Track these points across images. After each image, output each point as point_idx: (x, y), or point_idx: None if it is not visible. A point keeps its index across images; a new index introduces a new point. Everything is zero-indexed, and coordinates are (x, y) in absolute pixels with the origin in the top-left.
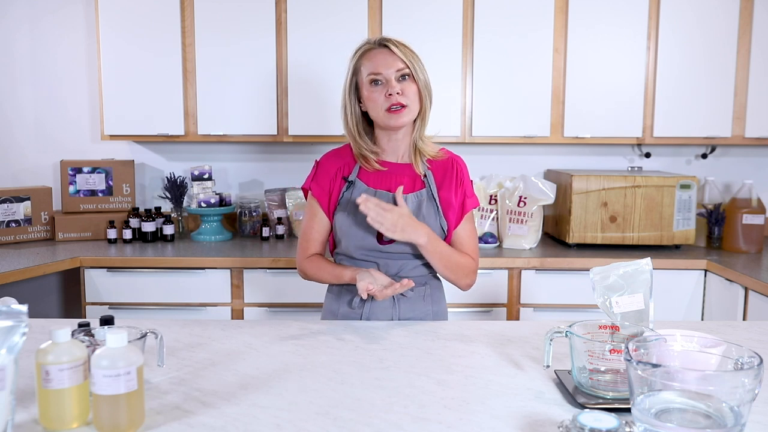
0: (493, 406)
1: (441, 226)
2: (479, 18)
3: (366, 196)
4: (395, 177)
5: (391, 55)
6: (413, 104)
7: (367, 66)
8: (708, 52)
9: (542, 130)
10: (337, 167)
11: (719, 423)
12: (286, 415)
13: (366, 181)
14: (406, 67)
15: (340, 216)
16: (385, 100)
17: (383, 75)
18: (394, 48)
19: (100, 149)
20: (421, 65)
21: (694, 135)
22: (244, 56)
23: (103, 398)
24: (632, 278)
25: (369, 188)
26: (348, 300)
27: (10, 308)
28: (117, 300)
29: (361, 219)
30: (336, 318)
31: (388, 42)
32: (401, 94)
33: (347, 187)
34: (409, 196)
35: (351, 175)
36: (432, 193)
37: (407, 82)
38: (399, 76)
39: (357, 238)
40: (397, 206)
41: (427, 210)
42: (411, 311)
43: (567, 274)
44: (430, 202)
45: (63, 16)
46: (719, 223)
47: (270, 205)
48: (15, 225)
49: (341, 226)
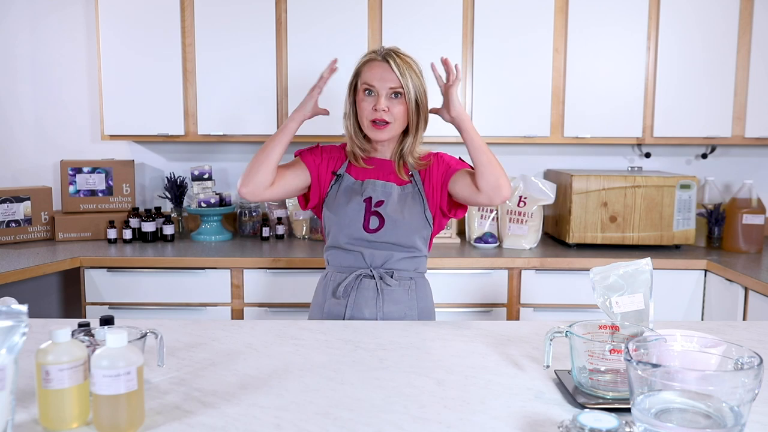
0: (493, 406)
1: (426, 218)
2: (479, 18)
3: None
4: (382, 172)
5: (389, 72)
6: (397, 123)
7: (365, 75)
8: (708, 52)
9: (542, 130)
10: (332, 157)
11: (719, 423)
12: (286, 415)
13: (354, 175)
14: (399, 86)
15: (328, 206)
16: (371, 112)
17: (375, 88)
18: (393, 65)
19: (100, 149)
20: (419, 81)
21: (694, 135)
22: (245, 56)
23: (103, 398)
24: (632, 278)
25: (356, 180)
26: (333, 289)
27: (10, 308)
28: (117, 300)
29: (348, 210)
30: (322, 310)
31: (389, 57)
32: (386, 111)
33: (335, 180)
34: (396, 188)
35: (340, 169)
36: (418, 187)
37: (397, 101)
38: (390, 93)
39: (345, 227)
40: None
41: (412, 202)
42: (395, 304)
43: (567, 274)
44: (415, 196)
45: (63, 16)
46: (719, 223)
47: (270, 205)
48: (15, 225)
49: (330, 216)
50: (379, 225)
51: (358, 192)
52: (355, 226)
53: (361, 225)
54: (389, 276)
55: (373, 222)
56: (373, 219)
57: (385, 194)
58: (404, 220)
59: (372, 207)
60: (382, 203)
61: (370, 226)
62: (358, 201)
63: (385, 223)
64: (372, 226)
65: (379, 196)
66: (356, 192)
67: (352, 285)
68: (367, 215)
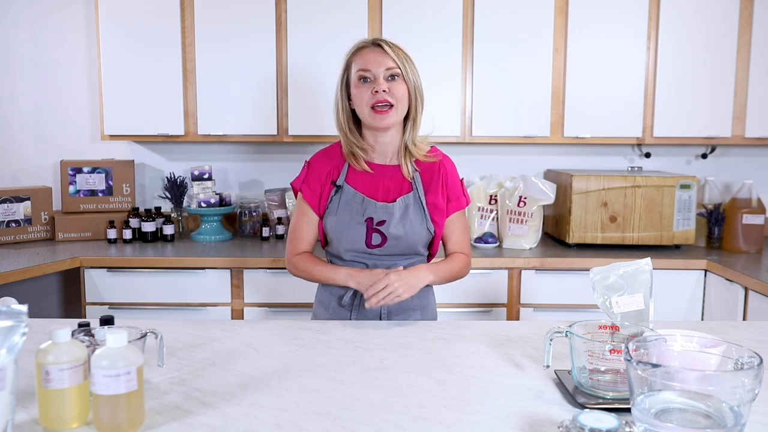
0: (493, 406)
1: (428, 228)
2: (479, 18)
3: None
4: (382, 181)
5: (383, 54)
6: (400, 105)
7: (358, 62)
8: (708, 52)
9: (542, 130)
10: (327, 170)
11: (719, 423)
12: (286, 415)
13: (354, 184)
14: (396, 66)
15: (330, 220)
16: (371, 97)
17: (372, 72)
18: (387, 47)
19: (100, 149)
20: (413, 68)
21: (694, 135)
22: (244, 56)
23: (103, 398)
24: (632, 278)
25: (357, 193)
26: (340, 296)
27: (10, 308)
28: (117, 300)
29: (351, 228)
30: (327, 311)
31: (381, 42)
32: (388, 92)
33: (335, 191)
34: (397, 201)
35: (339, 179)
36: (419, 196)
37: (396, 82)
38: (388, 75)
39: (347, 241)
40: (383, 277)
41: (414, 213)
42: (398, 305)
43: (567, 274)
44: (417, 205)
45: (63, 16)
46: (719, 223)
47: (270, 205)
48: (15, 225)
49: (331, 230)
50: (381, 241)
51: (359, 211)
52: (358, 243)
53: (363, 242)
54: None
55: (375, 238)
56: (375, 236)
57: (386, 215)
58: (406, 235)
59: (374, 225)
60: (383, 223)
61: (372, 242)
62: (359, 221)
63: (387, 240)
64: (374, 242)
65: (381, 217)
66: (357, 210)
67: (358, 293)
68: (369, 233)
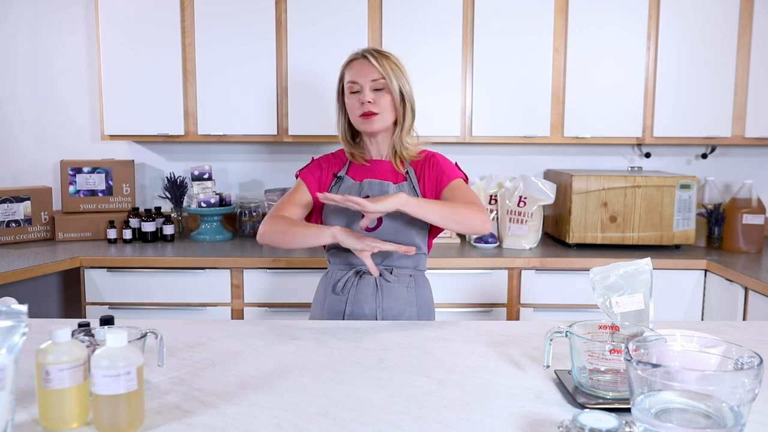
0: (493, 406)
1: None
2: (479, 18)
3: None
4: (380, 172)
5: (369, 66)
6: (385, 113)
7: (349, 74)
8: (708, 52)
9: (542, 130)
10: (329, 164)
11: (719, 423)
12: (286, 415)
13: (353, 176)
14: (381, 77)
15: (329, 208)
16: (359, 107)
17: (359, 84)
18: (372, 59)
19: (100, 149)
20: (402, 76)
21: (694, 135)
22: (245, 56)
23: (103, 398)
24: (632, 278)
25: (355, 181)
26: (332, 285)
27: (10, 308)
28: (117, 300)
29: (347, 209)
30: (323, 307)
31: (367, 53)
32: (372, 103)
33: (336, 181)
34: (392, 187)
35: (341, 171)
36: (413, 185)
37: (381, 93)
38: (374, 87)
39: (342, 222)
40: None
41: None
42: (394, 300)
43: (567, 274)
44: (411, 192)
45: (63, 16)
46: (719, 223)
47: (270, 205)
48: (15, 225)
49: (328, 212)
50: (377, 224)
51: (357, 192)
52: (356, 227)
53: (359, 223)
54: (389, 272)
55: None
56: None
57: (381, 192)
58: (401, 217)
59: None
60: None
61: (370, 225)
62: None
63: (382, 221)
64: (370, 224)
65: (376, 195)
66: (354, 192)
67: (352, 281)
68: None
